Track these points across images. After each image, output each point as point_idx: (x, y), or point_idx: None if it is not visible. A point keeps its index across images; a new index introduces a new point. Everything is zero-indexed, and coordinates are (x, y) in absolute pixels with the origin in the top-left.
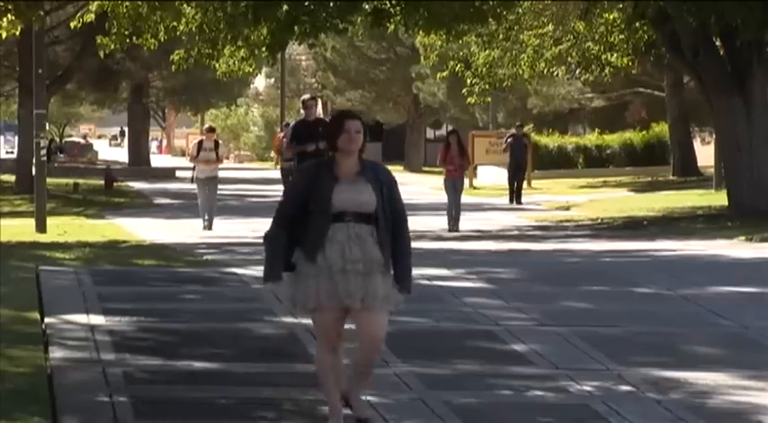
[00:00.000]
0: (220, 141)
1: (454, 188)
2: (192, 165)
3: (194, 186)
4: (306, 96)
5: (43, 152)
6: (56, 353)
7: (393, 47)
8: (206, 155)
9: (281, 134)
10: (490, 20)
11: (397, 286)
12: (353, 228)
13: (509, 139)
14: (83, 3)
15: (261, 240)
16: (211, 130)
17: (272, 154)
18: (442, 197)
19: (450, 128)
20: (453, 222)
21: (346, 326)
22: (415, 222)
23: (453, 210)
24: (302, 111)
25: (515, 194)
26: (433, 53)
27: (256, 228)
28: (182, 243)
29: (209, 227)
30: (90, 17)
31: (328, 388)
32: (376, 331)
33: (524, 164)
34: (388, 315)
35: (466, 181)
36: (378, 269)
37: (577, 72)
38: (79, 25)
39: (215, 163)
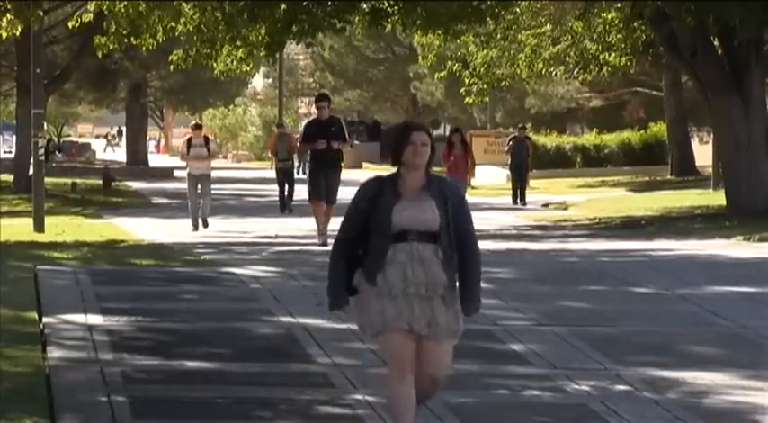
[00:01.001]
0: (211, 137)
1: None
2: (184, 164)
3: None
4: (318, 95)
5: (41, 152)
6: (54, 352)
7: (391, 46)
8: (197, 151)
9: (276, 134)
10: (488, 19)
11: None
12: (417, 248)
13: (510, 142)
14: (81, 2)
15: (261, 240)
16: (198, 126)
17: (269, 154)
18: None
19: (449, 127)
20: None
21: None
22: None
23: None
24: (314, 109)
25: (519, 195)
26: (431, 53)
27: (254, 227)
28: (179, 243)
29: (204, 225)
30: (88, 17)
31: None
32: (437, 360)
33: (526, 165)
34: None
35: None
36: (440, 293)
37: (575, 72)
38: (77, 25)
39: (207, 159)
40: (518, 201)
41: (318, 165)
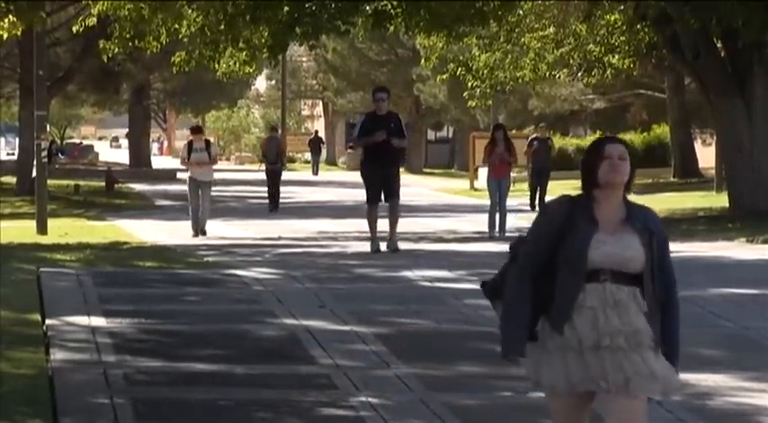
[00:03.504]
0: (212, 140)
1: (499, 189)
2: (185, 167)
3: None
4: (376, 88)
5: (44, 154)
6: (57, 354)
7: (394, 48)
8: (198, 156)
9: (267, 137)
10: (491, 22)
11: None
12: (610, 290)
13: (535, 142)
14: (84, 4)
15: (263, 242)
16: (198, 130)
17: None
18: (444, 199)
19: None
20: (497, 228)
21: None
22: (415, 224)
23: (496, 213)
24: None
25: (539, 200)
26: (434, 55)
27: (257, 229)
28: (182, 244)
29: (202, 232)
30: (92, 21)
31: None
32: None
33: (548, 167)
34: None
35: (467, 182)
36: (646, 344)
37: (579, 74)
38: (81, 29)
39: (208, 164)
40: (537, 205)
41: (375, 164)
